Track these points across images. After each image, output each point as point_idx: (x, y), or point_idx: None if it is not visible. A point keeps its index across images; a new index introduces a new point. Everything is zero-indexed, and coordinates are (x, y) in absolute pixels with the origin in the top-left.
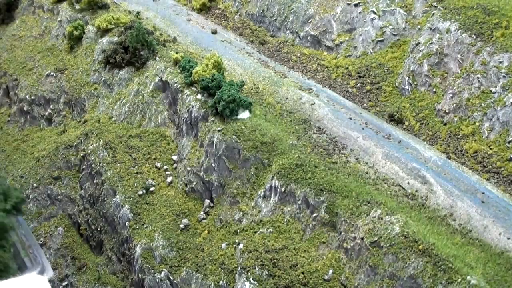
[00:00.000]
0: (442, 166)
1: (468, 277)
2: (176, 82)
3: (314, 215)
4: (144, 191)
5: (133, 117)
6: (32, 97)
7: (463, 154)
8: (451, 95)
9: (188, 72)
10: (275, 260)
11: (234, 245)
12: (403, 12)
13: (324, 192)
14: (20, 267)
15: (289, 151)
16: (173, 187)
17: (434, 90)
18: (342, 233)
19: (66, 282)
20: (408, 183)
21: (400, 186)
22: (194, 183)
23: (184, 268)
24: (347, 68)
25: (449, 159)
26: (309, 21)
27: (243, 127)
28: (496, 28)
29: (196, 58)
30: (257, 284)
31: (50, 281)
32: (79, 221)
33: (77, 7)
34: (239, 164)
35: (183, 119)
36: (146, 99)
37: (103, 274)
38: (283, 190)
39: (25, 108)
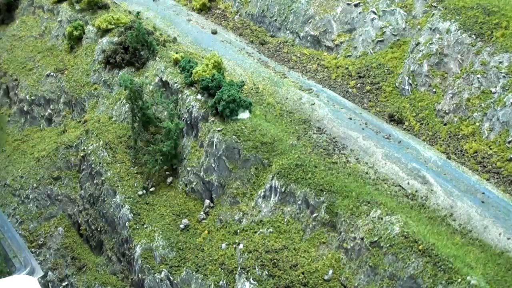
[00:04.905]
0: (442, 166)
1: (468, 277)
2: (176, 82)
3: (314, 215)
4: (144, 191)
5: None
6: (32, 97)
7: (463, 154)
8: (451, 95)
9: (188, 72)
10: (275, 260)
11: (234, 245)
12: (403, 12)
13: (324, 192)
14: (9, 268)
15: (289, 151)
16: (173, 187)
17: (434, 90)
18: (342, 233)
19: (66, 282)
20: (408, 183)
21: (400, 186)
22: (194, 183)
23: (184, 268)
24: (347, 68)
25: (449, 159)
26: (309, 21)
27: (243, 127)
28: (496, 28)
29: (196, 58)
30: (257, 284)
31: (49, 281)
32: (79, 221)
33: (77, 7)
34: (239, 164)
35: (183, 119)
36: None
37: (103, 274)
38: (283, 190)
39: (25, 108)
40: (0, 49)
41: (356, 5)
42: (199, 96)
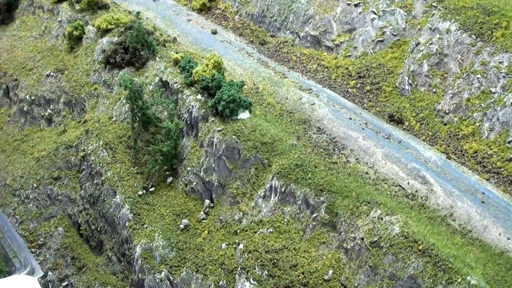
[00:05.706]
0: (442, 166)
1: (468, 277)
2: (176, 82)
3: (314, 215)
4: (144, 191)
5: None
6: (32, 97)
7: (463, 154)
8: (451, 95)
9: (188, 72)
10: (275, 260)
11: (234, 245)
12: (403, 12)
13: (324, 192)
14: (8, 268)
15: (289, 151)
16: (173, 187)
17: (434, 90)
18: (342, 233)
19: (66, 282)
20: (408, 183)
21: (400, 186)
22: (194, 183)
23: (184, 268)
24: (347, 68)
25: (449, 159)
26: (309, 21)
27: (243, 127)
28: (496, 28)
29: (196, 58)
30: (257, 284)
31: (49, 281)
32: (79, 221)
33: (77, 7)
34: (239, 164)
35: (183, 119)
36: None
37: (103, 274)
38: (283, 190)
39: (25, 108)
40: (0, 49)
41: (356, 5)
42: (199, 96)
